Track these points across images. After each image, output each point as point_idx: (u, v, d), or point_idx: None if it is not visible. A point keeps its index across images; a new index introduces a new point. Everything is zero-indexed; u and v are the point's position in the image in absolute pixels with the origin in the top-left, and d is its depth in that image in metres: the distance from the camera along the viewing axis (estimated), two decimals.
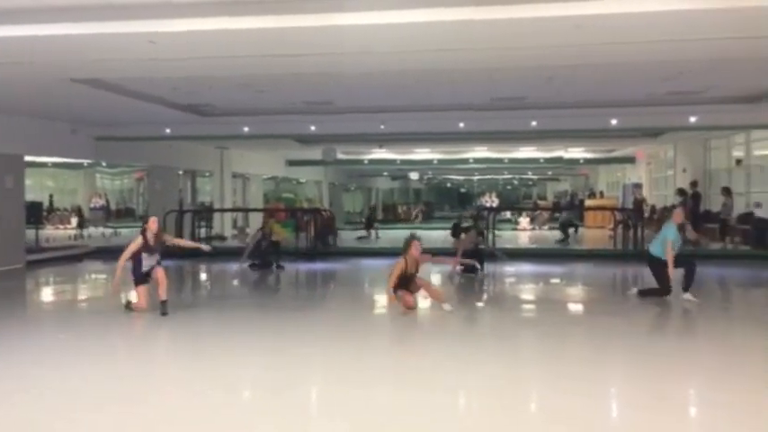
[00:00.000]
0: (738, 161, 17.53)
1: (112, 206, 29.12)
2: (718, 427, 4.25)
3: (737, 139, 17.31)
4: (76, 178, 28.46)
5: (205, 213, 19.43)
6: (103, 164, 24.73)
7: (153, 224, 8.06)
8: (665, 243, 8.79)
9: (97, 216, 26.54)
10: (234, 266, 12.98)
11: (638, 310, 8.51)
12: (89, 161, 21.18)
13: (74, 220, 24.48)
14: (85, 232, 22.31)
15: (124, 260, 8.00)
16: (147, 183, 20.33)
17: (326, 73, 9.72)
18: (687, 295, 8.81)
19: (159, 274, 8.04)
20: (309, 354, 6.23)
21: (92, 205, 27.42)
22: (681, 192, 17.69)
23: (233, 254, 16.31)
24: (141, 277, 8.07)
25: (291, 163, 25.88)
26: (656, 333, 7.50)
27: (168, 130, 15.42)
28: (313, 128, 15.19)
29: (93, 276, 13.33)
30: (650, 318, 8.34)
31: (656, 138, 18.34)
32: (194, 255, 15.18)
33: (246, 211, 23.15)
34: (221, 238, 20.02)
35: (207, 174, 22.14)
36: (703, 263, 13.37)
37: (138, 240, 7.99)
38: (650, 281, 9.28)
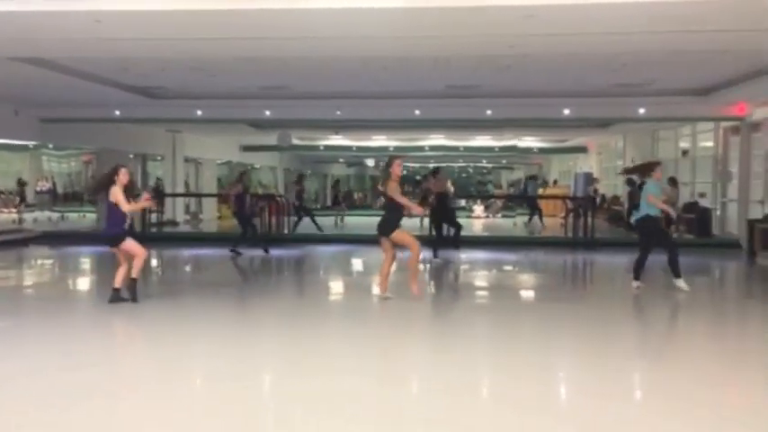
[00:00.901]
0: (685, 152, 18.06)
1: (59, 189, 28.24)
2: (662, 409, 4.40)
3: (684, 130, 17.82)
4: (22, 161, 27.49)
5: (156, 198, 19.01)
6: (50, 146, 23.94)
7: (124, 176, 7.42)
8: (648, 197, 8.52)
9: (43, 200, 25.72)
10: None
11: (588, 297, 8.72)
12: (34, 143, 20.49)
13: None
14: (31, 216, 21.61)
15: (128, 206, 7.42)
16: (96, 166, 19.78)
17: (281, 58, 9.62)
18: (680, 282, 8.55)
19: (132, 246, 7.40)
20: (260, 341, 6.19)
21: (38, 188, 26.54)
22: (629, 181, 18.13)
23: (185, 239, 16.12)
24: (123, 233, 7.42)
25: (246, 148, 25.52)
26: (602, 319, 7.68)
27: (118, 113, 15.03)
28: (268, 113, 15.03)
29: (40, 262, 12.94)
30: (598, 304, 8.55)
31: (607, 128, 18.75)
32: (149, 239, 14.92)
33: (199, 196, 22.78)
34: (173, 223, 19.67)
35: (158, 158, 21.66)
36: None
37: (116, 191, 7.32)
38: (603, 267, 9.48)
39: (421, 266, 9.98)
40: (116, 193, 7.35)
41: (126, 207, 7.38)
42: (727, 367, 5.44)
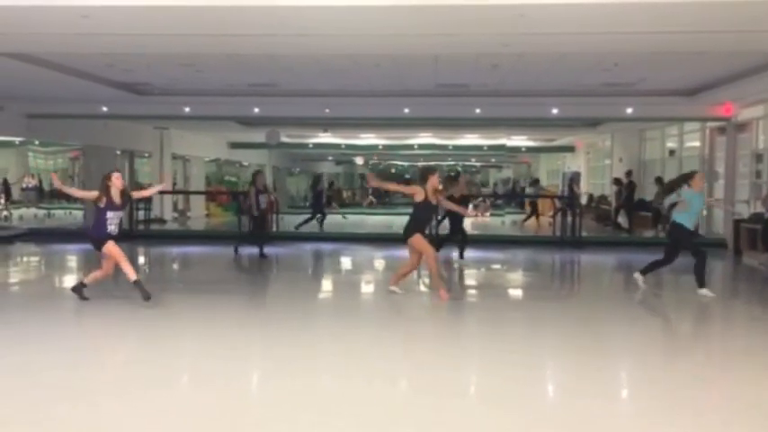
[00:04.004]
0: (672, 152, 18.19)
1: (45, 186, 27.98)
2: (650, 406, 4.43)
3: (671, 130, 17.94)
4: (7, 157, 27.21)
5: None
6: (36, 142, 23.72)
7: (117, 180, 7.27)
8: (680, 203, 8.32)
9: (29, 197, 25.48)
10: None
11: (574, 296, 8.76)
12: (20, 139, 20.29)
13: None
14: (16, 213, 21.41)
15: (75, 192, 7.62)
16: (83, 163, 19.63)
17: (270, 54, 9.59)
18: (704, 291, 8.19)
19: (113, 249, 7.19)
20: (250, 339, 6.17)
21: (24, 185, 26.28)
22: (617, 181, 18.25)
23: (172, 237, 16.03)
24: (106, 237, 7.22)
25: (234, 145, 25.41)
26: (586, 317, 7.72)
27: (105, 109, 14.91)
28: (257, 110, 14.97)
29: (26, 259, 12.83)
30: (582, 302, 8.61)
31: (595, 128, 18.85)
32: (137, 236, 14.84)
33: (187, 193, 22.66)
34: (161, 221, 19.55)
35: (146, 155, 21.52)
36: (636, 250, 13.95)
37: (95, 194, 7.22)
38: (589, 266, 9.49)
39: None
40: (101, 198, 7.23)
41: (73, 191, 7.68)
42: (711, 366, 5.49)
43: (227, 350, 5.66)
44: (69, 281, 10.35)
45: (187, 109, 14.74)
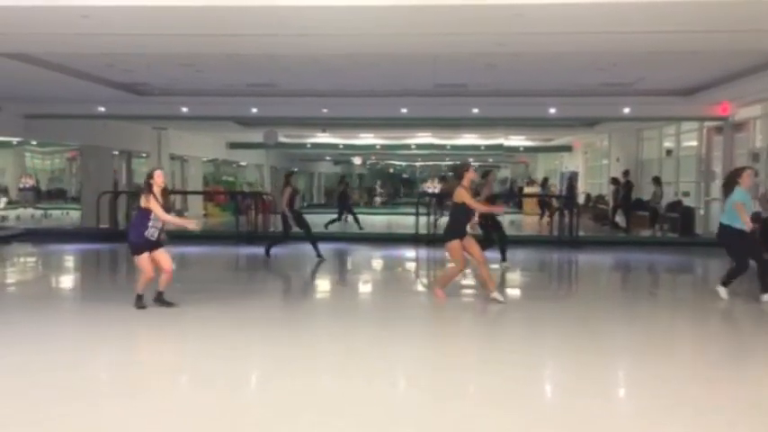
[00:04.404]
0: (669, 152, 18.24)
1: (43, 187, 27.93)
2: (642, 404, 4.45)
3: (668, 130, 17.99)
4: (5, 157, 27.16)
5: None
6: (34, 142, 23.68)
7: (159, 178, 6.83)
8: (734, 205, 7.65)
9: (27, 197, 25.44)
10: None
11: (570, 296, 8.76)
12: (18, 139, 20.27)
13: (2, 200, 23.39)
14: (13, 213, 21.38)
15: (167, 217, 6.85)
16: (80, 163, 19.62)
17: (269, 54, 9.60)
18: (766, 296, 7.80)
19: (164, 259, 6.93)
20: (249, 339, 6.18)
21: (21, 186, 26.23)
22: (614, 180, 18.29)
23: (169, 237, 15.99)
24: (143, 243, 6.81)
25: (232, 145, 25.42)
26: (584, 317, 7.73)
27: (102, 109, 14.92)
28: (255, 110, 14.99)
29: (23, 259, 12.81)
30: (586, 302, 8.63)
31: (593, 127, 18.90)
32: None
33: (185, 193, 22.64)
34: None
35: (143, 155, 21.51)
36: (634, 249, 14.00)
37: (151, 198, 6.72)
38: (585, 265, 9.48)
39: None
40: (150, 201, 6.77)
41: (164, 217, 6.81)
42: (708, 364, 5.52)
43: (228, 350, 5.67)
44: (65, 281, 10.37)
45: (185, 109, 14.75)
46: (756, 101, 13.03)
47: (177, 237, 15.64)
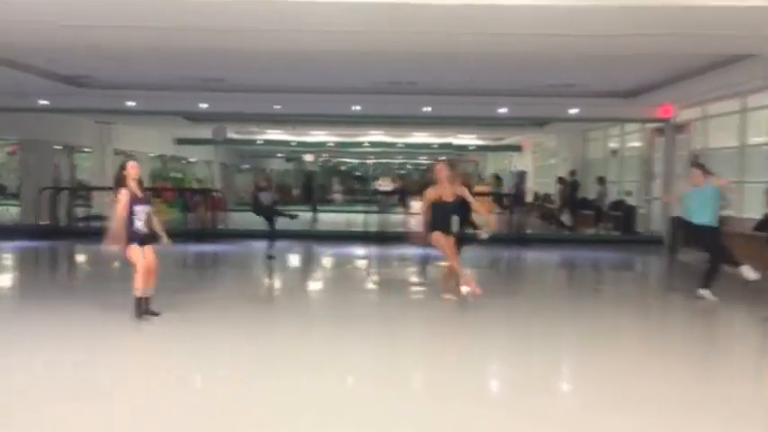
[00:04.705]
0: (613, 152, 18.72)
1: None
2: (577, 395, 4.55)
3: (613, 131, 18.47)
4: None
5: (84, 192, 18.40)
6: None
7: (133, 170, 6.52)
8: (706, 203, 7.78)
9: None
10: None
11: (519, 292, 8.89)
12: None
13: None
14: None
15: (120, 220, 6.38)
16: (20, 157, 18.91)
17: (216, 49, 9.44)
18: (704, 292, 7.91)
19: (150, 257, 6.57)
20: (191, 337, 6.07)
21: None
22: (561, 180, 18.68)
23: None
24: (132, 236, 6.46)
25: (180, 141, 24.92)
26: (533, 313, 7.87)
27: (43, 102, 14.41)
28: (204, 105, 14.72)
29: None
30: (529, 299, 8.77)
31: (542, 127, 19.25)
32: (76, 234, 14.40)
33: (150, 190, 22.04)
34: (102, 218, 19.00)
35: (87, 150, 20.89)
36: (579, 247, 14.34)
37: (123, 192, 6.42)
38: (532, 262, 9.61)
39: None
40: (120, 194, 6.45)
41: (117, 218, 6.45)
42: (650, 356, 5.68)
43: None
44: (3, 280, 10.00)
45: (131, 103, 14.38)
46: (696, 103, 13.48)
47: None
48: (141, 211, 6.56)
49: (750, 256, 10.68)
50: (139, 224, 6.55)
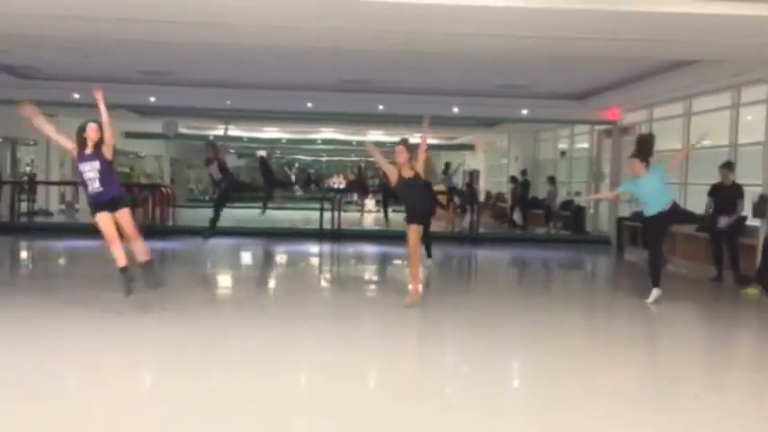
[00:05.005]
0: (563, 153, 19.11)
1: None
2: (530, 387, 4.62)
3: (563, 132, 18.85)
4: None
5: (27, 185, 17.78)
6: None
7: (92, 132, 6.22)
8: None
9: None
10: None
11: (470, 291, 8.98)
12: None
13: None
14: None
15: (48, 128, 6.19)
16: None
17: (165, 42, 9.22)
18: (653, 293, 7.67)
19: (126, 221, 6.10)
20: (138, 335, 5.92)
21: None
22: (513, 179, 18.96)
23: (60, 230, 15.13)
24: (93, 201, 6.06)
25: (129, 135, 24.27)
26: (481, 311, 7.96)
27: None
28: (153, 99, 14.38)
29: None
30: (485, 297, 8.87)
31: (493, 127, 19.50)
32: (19, 229, 13.91)
33: (76, 184, 21.42)
34: (46, 213, 18.44)
35: (31, 142, 20.17)
36: (530, 246, 14.58)
37: (68, 141, 6.18)
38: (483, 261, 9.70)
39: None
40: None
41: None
42: (596, 352, 5.81)
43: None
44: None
45: (76, 95, 13.93)
46: (642, 106, 13.87)
47: (67, 230, 14.85)
48: (90, 169, 6.04)
49: (694, 257, 11.09)
50: (95, 186, 6.06)
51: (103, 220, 5.99)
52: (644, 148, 7.89)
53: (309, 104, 14.71)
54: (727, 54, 8.63)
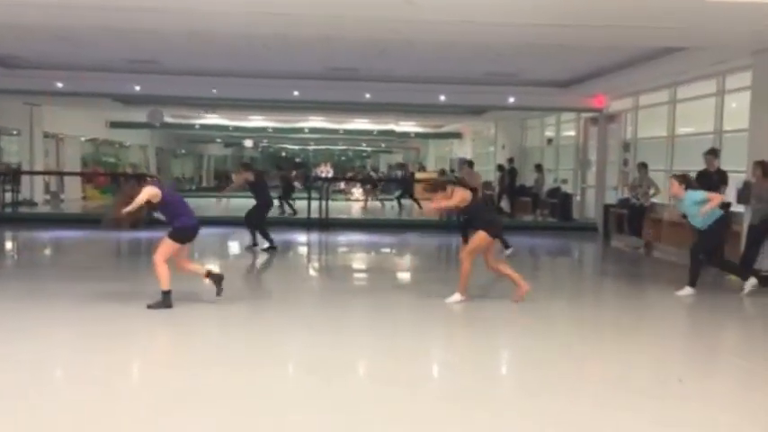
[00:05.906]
0: (549, 140, 19.18)
1: None
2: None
3: (549, 120, 18.90)
4: None
5: (11, 176, 17.58)
6: None
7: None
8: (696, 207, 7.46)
9: None
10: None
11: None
12: None
13: None
14: None
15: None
16: None
17: (151, 30, 9.13)
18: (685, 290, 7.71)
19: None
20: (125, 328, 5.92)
21: None
22: (500, 167, 19.02)
23: (45, 221, 15.01)
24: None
25: (114, 124, 24.06)
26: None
27: None
28: (137, 88, 14.23)
29: None
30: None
31: (480, 115, 19.51)
32: (4, 220, 13.78)
33: (61, 174, 21.24)
34: (31, 203, 18.28)
35: (14, 132, 19.95)
36: (517, 233, 14.63)
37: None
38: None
39: None
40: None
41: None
42: (583, 337, 5.88)
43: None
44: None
45: (60, 84, 13.77)
46: (628, 94, 13.94)
47: (52, 221, 14.74)
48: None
49: (679, 243, 11.19)
50: None
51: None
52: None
53: (296, 93, 14.64)
54: (712, 41, 8.69)
